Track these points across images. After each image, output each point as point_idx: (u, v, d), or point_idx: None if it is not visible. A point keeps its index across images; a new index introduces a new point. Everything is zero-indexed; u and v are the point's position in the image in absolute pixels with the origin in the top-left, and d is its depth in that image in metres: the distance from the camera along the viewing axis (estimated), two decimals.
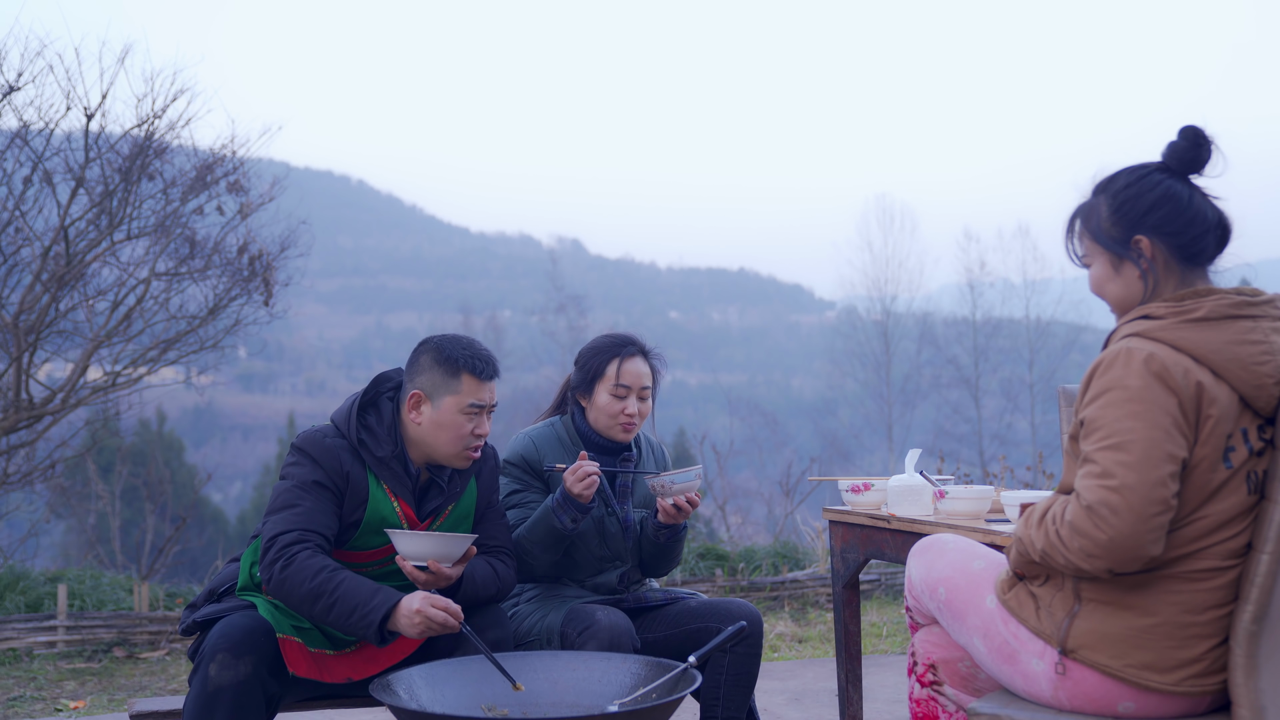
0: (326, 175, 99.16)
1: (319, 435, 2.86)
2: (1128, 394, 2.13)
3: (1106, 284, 2.35)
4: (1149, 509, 2.08)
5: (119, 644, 5.89)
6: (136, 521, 9.51)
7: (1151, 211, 2.27)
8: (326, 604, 2.63)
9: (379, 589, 2.65)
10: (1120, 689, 2.23)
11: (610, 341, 3.35)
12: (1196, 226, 2.27)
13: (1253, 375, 2.17)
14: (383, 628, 2.62)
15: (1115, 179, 2.34)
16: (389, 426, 2.89)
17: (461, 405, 2.85)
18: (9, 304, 6.39)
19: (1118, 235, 2.30)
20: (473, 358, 2.87)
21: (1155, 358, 2.14)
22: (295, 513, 2.74)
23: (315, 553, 2.69)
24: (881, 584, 7.37)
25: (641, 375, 3.31)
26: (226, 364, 7.75)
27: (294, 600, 2.67)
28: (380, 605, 2.62)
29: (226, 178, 6.72)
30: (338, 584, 2.64)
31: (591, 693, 2.57)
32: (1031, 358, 33.87)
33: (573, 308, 38.60)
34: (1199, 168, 2.30)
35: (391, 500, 2.87)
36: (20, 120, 6.28)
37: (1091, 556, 2.11)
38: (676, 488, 3.16)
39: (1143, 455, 2.09)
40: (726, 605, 3.24)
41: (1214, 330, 2.19)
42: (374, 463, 2.86)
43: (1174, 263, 2.28)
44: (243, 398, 51.47)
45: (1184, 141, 2.29)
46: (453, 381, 2.86)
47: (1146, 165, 2.33)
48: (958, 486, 3.26)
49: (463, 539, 2.77)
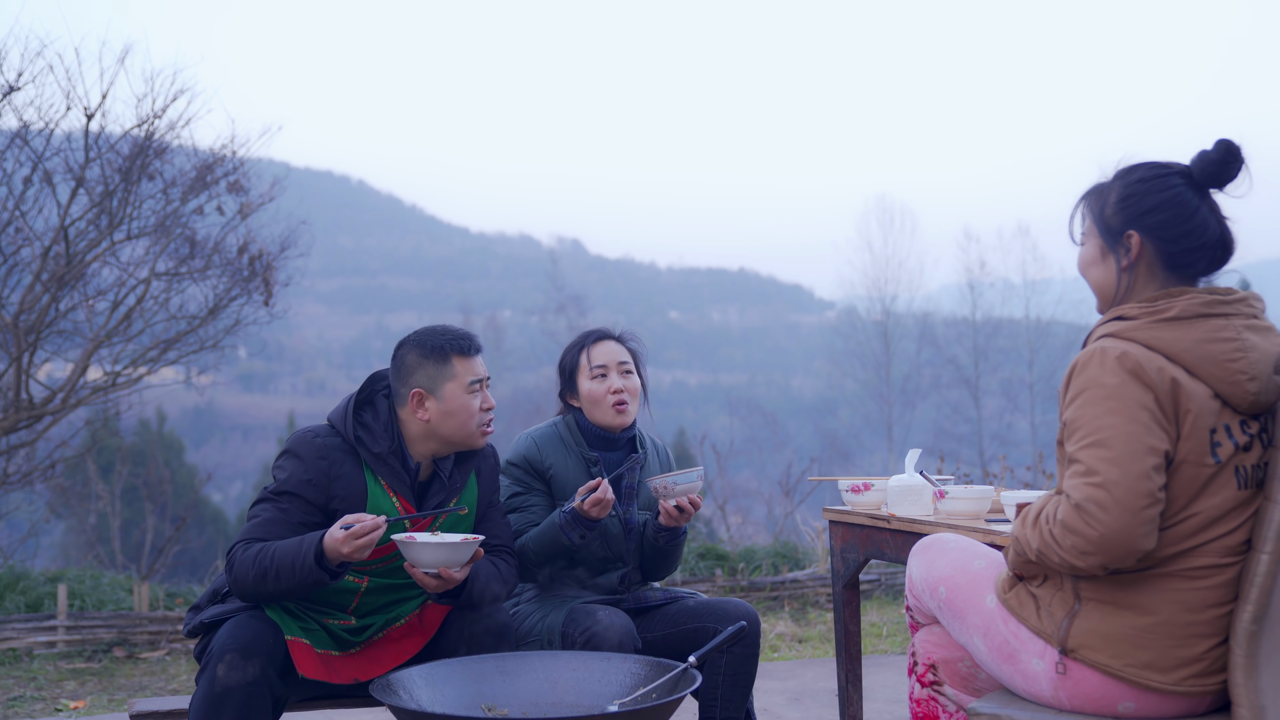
0: (326, 175, 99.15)
1: (309, 434, 2.87)
2: (1104, 391, 2.16)
3: (1090, 267, 2.39)
4: (1136, 502, 2.10)
5: (119, 644, 5.89)
6: (136, 521, 9.52)
7: (1152, 212, 2.29)
8: (274, 576, 2.66)
9: (302, 539, 2.68)
10: (1120, 688, 2.23)
11: (577, 337, 3.45)
12: (1192, 239, 2.28)
13: (1225, 372, 2.19)
14: (323, 565, 2.64)
15: (1134, 170, 2.35)
16: (385, 423, 2.90)
17: (463, 385, 2.88)
18: (9, 304, 6.39)
19: (1115, 224, 2.32)
20: (455, 339, 2.91)
21: (1129, 355, 2.17)
22: (251, 525, 2.80)
23: (249, 545, 2.74)
24: (881, 584, 7.37)
25: (615, 353, 3.34)
26: (226, 364, 7.76)
27: (251, 592, 2.71)
28: (309, 546, 2.65)
29: (226, 178, 6.72)
30: (271, 554, 2.68)
31: (591, 693, 2.57)
32: (1031, 358, 33.88)
33: (573, 308, 38.63)
34: (1222, 183, 2.30)
35: (390, 496, 2.87)
36: (20, 120, 6.28)
37: (1085, 554, 2.13)
38: (679, 489, 3.16)
39: (1124, 450, 2.11)
40: (724, 605, 3.24)
41: (1186, 329, 2.21)
42: (371, 459, 2.86)
43: (1158, 267, 2.30)
44: (243, 398, 51.46)
45: (1214, 154, 2.29)
46: (445, 368, 2.88)
47: (1170, 166, 2.33)
48: (958, 486, 3.26)
49: (470, 544, 2.74)
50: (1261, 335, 2.24)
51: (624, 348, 3.38)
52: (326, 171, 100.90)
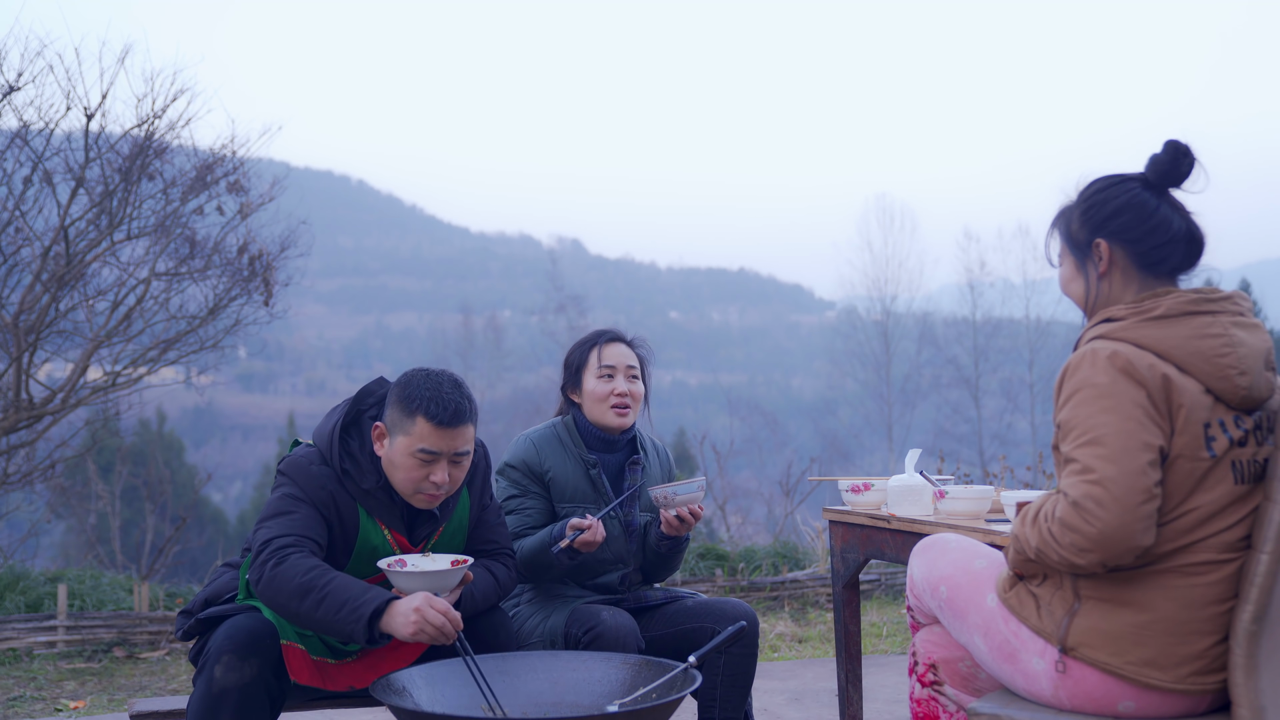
0: (326, 175, 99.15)
1: (304, 462, 2.78)
2: (1097, 391, 2.19)
3: (1070, 283, 2.45)
4: (1133, 498, 2.11)
5: (119, 644, 5.89)
6: (136, 521, 9.52)
7: (1113, 218, 2.36)
8: (316, 599, 2.53)
9: (371, 587, 2.57)
10: (1121, 687, 2.23)
11: (590, 334, 3.44)
12: (1158, 236, 2.33)
13: (1215, 368, 2.22)
14: (372, 625, 2.51)
15: (1092, 184, 2.43)
16: (371, 454, 2.81)
17: (411, 449, 2.71)
18: (9, 304, 6.39)
19: (1082, 238, 2.40)
20: (432, 401, 2.69)
21: (1119, 354, 2.20)
22: (290, 519, 2.70)
23: (310, 555, 2.64)
24: (881, 584, 7.37)
25: (624, 356, 3.35)
26: (226, 364, 7.76)
27: (281, 597, 2.57)
28: (372, 600, 2.52)
29: (226, 178, 6.72)
30: (329, 580, 2.56)
31: (591, 693, 2.57)
32: (1031, 358, 33.89)
33: (573, 308, 38.60)
34: (1177, 181, 2.37)
35: (383, 530, 2.82)
36: (20, 120, 6.28)
37: (1083, 551, 2.14)
38: (680, 499, 3.16)
39: (1119, 446, 2.14)
40: (722, 605, 3.24)
41: (1174, 326, 2.25)
42: (360, 494, 2.80)
43: (1133, 269, 2.36)
44: (243, 398, 51.47)
45: (1164, 155, 2.36)
46: (407, 422, 2.71)
47: (1125, 175, 2.41)
48: (958, 486, 3.26)
49: (456, 571, 2.67)
50: (1249, 331, 2.28)
51: (634, 353, 3.38)
52: (326, 171, 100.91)
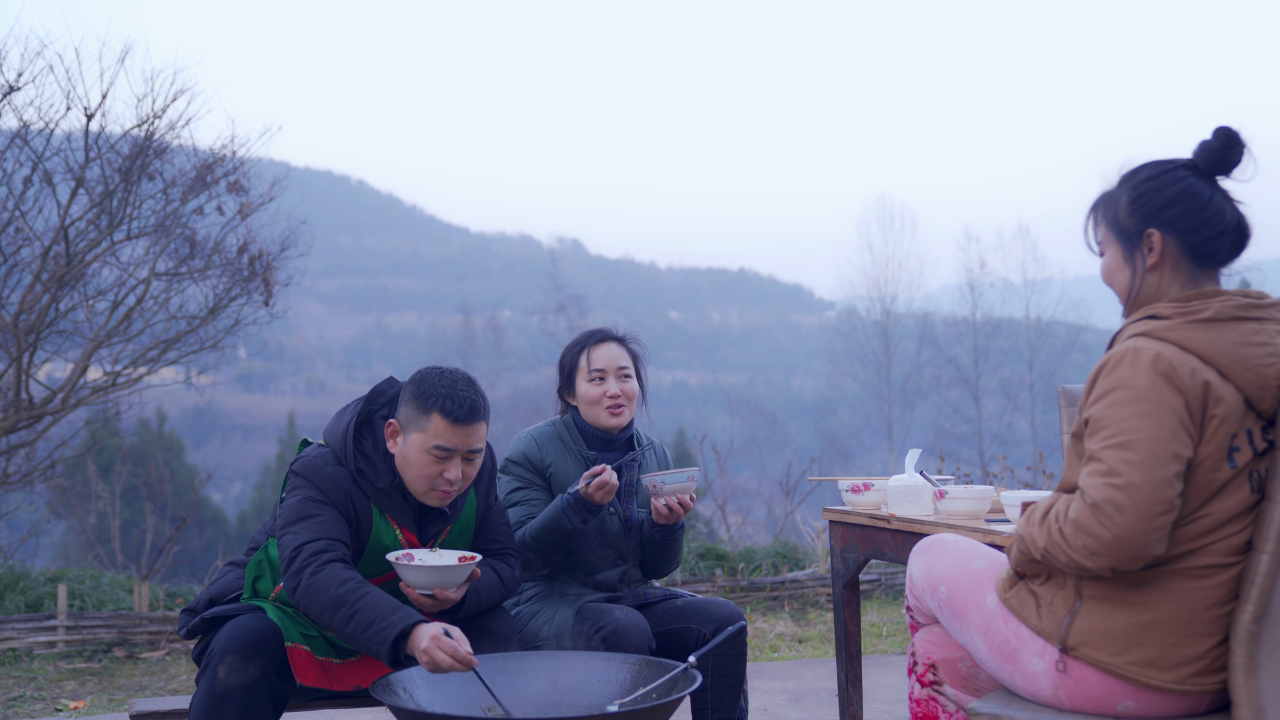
0: (326, 175, 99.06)
1: (319, 463, 2.79)
2: (1135, 393, 2.14)
3: (1116, 274, 2.37)
4: (1154, 508, 2.09)
5: (119, 644, 5.89)
6: (136, 521, 9.51)
7: (1168, 207, 2.28)
8: (347, 614, 2.55)
9: (400, 607, 2.57)
10: (1121, 687, 2.23)
11: (579, 336, 3.44)
12: (1212, 227, 2.27)
13: (1258, 376, 2.18)
14: (397, 646, 2.51)
15: (1139, 171, 2.35)
16: (385, 453, 2.83)
17: (425, 445, 2.73)
18: (9, 304, 6.39)
19: (1132, 227, 2.32)
20: (448, 398, 2.73)
21: (1162, 357, 2.15)
22: (315, 523, 2.70)
23: (346, 565, 2.65)
24: (881, 584, 7.37)
25: (614, 357, 3.34)
26: (226, 364, 7.75)
27: (316, 607, 2.60)
28: (399, 621, 2.52)
29: (226, 178, 6.72)
30: (361, 595, 2.57)
31: (591, 693, 2.57)
32: (1031, 358, 33.87)
33: (573, 308, 38.56)
34: (1227, 169, 2.30)
35: (395, 529, 2.84)
36: (20, 120, 6.28)
37: (1095, 554, 2.12)
38: (668, 488, 3.16)
39: (1149, 454, 2.10)
40: (707, 605, 3.24)
41: (1221, 331, 2.20)
42: (374, 493, 2.81)
43: (1184, 261, 2.29)
44: (243, 398, 51.44)
45: (1215, 142, 2.30)
46: (422, 419, 2.74)
47: (1174, 161, 2.33)
48: (958, 486, 3.26)
49: (465, 566, 2.71)
50: None
51: (625, 350, 3.38)
52: (326, 171, 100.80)
